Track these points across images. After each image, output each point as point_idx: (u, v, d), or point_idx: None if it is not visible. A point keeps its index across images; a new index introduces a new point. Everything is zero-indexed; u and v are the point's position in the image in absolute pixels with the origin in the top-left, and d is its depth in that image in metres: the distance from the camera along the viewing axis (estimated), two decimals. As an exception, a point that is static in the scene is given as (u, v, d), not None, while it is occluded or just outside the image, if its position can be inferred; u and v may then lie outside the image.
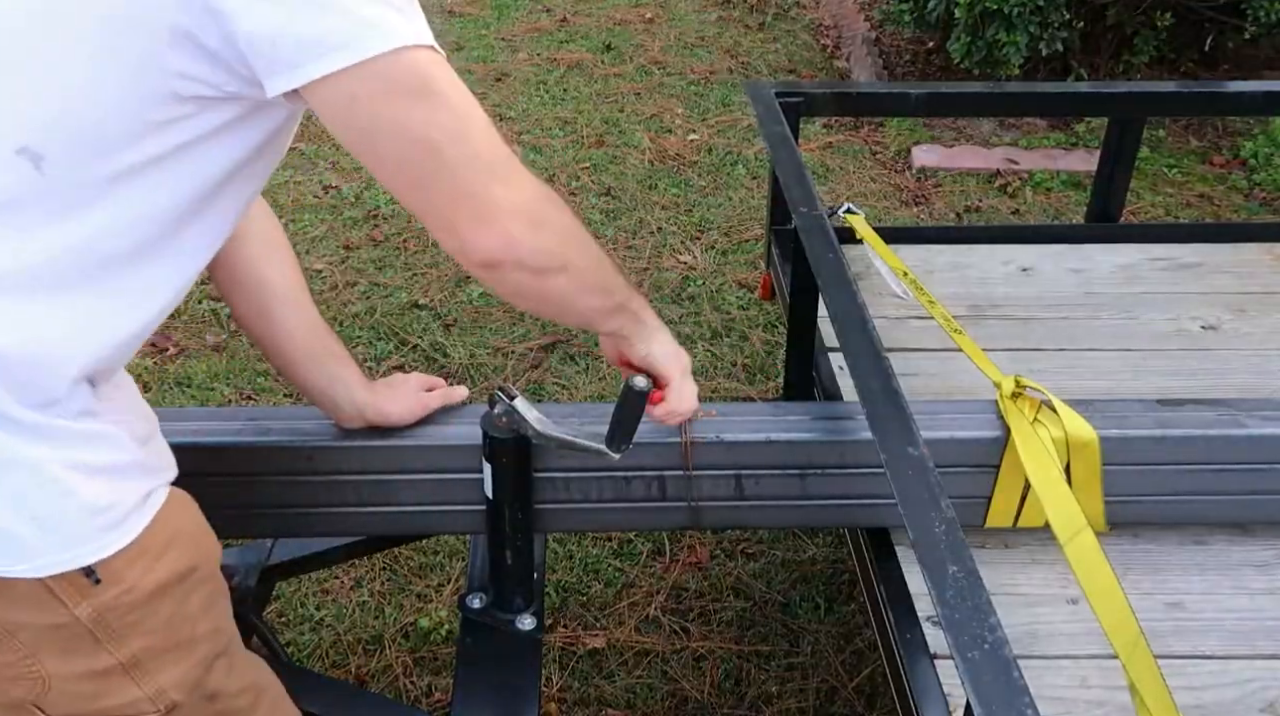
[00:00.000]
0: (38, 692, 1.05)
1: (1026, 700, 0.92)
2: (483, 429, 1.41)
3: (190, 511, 1.14)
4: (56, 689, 1.05)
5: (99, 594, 1.02)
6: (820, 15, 5.72)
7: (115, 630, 1.05)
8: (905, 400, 1.29)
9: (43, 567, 0.99)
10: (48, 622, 1.02)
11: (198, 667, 1.13)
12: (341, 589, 2.43)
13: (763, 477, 1.51)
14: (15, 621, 1.01)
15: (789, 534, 2.57)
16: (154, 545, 1.06)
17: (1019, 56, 4.10)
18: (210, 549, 1.16)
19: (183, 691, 1.11)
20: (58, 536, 0.99)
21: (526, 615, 1.56)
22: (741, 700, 2.21)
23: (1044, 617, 1.49)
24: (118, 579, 1.03)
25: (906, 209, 3.98)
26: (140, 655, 1.07)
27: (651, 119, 4.59)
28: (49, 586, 1.00)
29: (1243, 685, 1.39)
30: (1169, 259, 2.27)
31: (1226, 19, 4.26)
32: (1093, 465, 1.47)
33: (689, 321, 3.32)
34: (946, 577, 1.04)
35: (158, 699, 1.10)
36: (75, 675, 1.05)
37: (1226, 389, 1.87)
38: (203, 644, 1.13)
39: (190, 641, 1.11)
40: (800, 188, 1.80)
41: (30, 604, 1.00)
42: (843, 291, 1.52)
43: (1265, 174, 4.07)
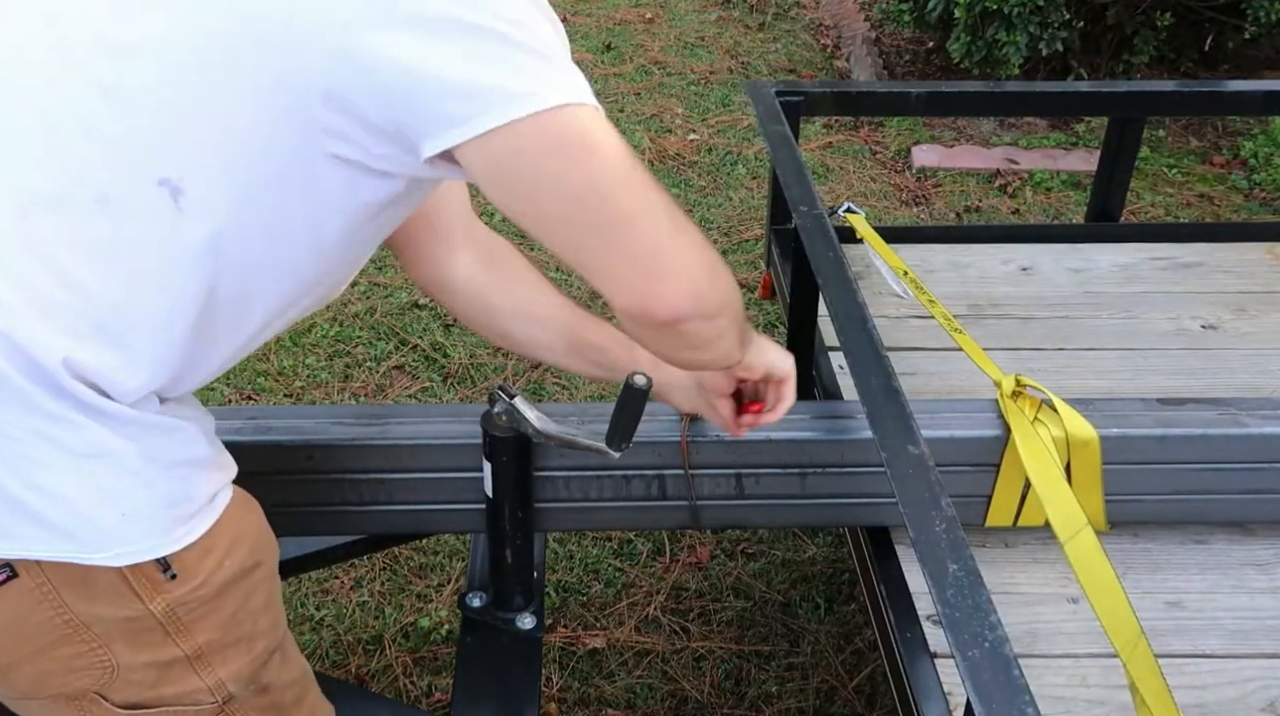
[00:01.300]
0: (105, 681, 1.07)
1: (1026, 698, 0.92)
2: (482, 427, 1.41)
3: (254, 510, 1.17)
4: (123, 677, 1.08)
5: (173, 588, 1.05)
6: (820, 15, 5.72)
7: (185, 623, 1.07)
8: (905, 399, 1.29)
9: (122, 557, 1.01)
10: (123, 615, 1.04)
11: (255, 661, 1.16)
12: (341, 589, 2.43)
13: (763, 476, 1.51)
14: (92, 614, 1.03)
15: (789, 534, 2.57)
16: (223, 541, 1.09)
17: (1019, 56, 4.10)
18: (272, 546, 1.20)
19: (239, 683, 1.15)
20: (138, 527, 1.01)
21: (526, 614, 1.56)
22: (741, 700, 2.21)
23: (1044, 616, 1.49)
24: (191, 574, 1.06)
25: (906, 208, 3.98)
26: (205, 648, 1.10)
27: (651, 119, 4.59)
28: (128, 580, 1.03)
29: (1243, 684, 1.39)
30: (1169, 259, 2.27)
31: (1226, 19, 4.26)
32: (1093, 464, 1.47)
33: (689, 321, 3.32)
34: (947, 576, 1.04)
35: (216, 690, 1.13)
36: (141, 664, 1.08)
37: (1227, 388, 1.87)
38: (262, 638, 1.16)
39: (251, 636, 1.15)
40: (800, 187, 1.80)
41: (109, 597, 1.03)
42: (843, 290, 1.52)
43: (1265, 174, 4.07)
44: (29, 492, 0.96)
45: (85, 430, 0.97)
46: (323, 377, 3.10)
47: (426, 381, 3.09)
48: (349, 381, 3.09)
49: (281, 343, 3.22)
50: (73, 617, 1.03)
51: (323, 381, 3.09)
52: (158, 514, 1.02)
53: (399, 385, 3.08)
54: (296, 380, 3.09)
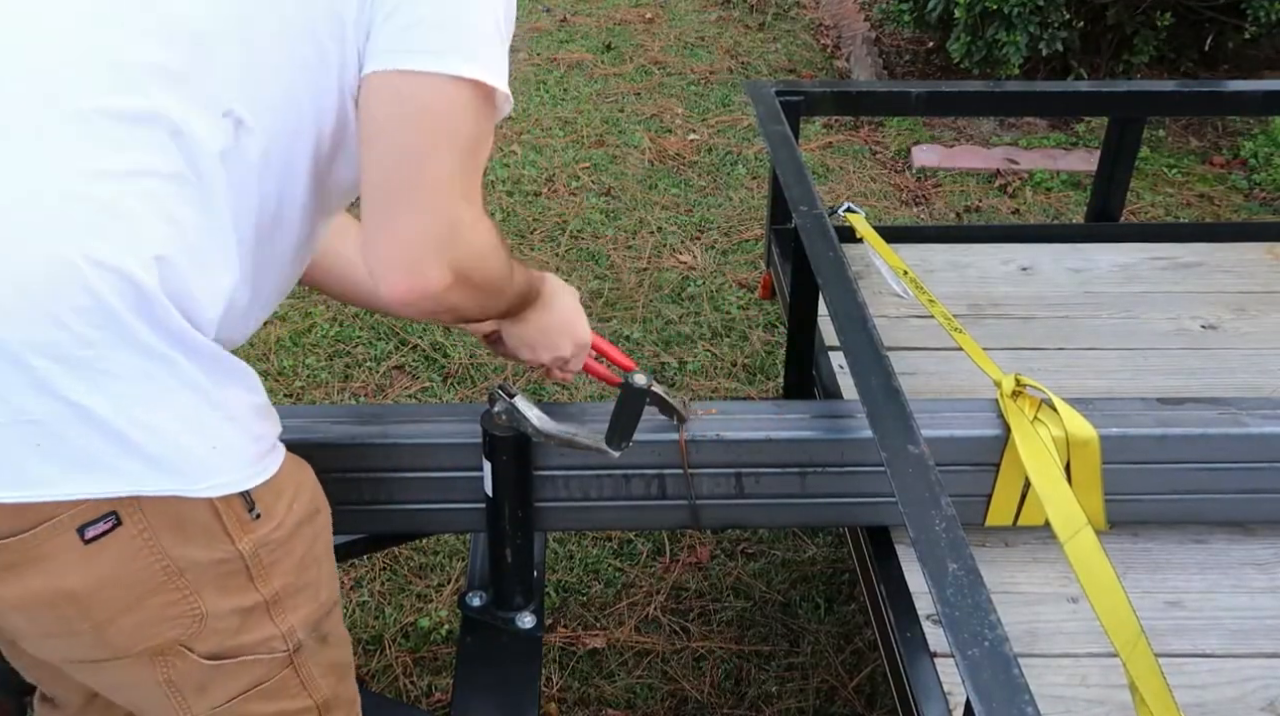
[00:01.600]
0: (193, 631, 1.10)
1: (1026, 698, 0.92)
2: (482, 427, 1.41)
3: (306, 464, 1.22)
4: (209, 626, 1.10)
5: (257, 527, 1.09)
6: (820, 15, 5.72)
7: (265, 565, 1.12)
8: (905, 398, 1.29)
9: (218, 488, 1.05)
10: (214, 558, 1.08)
11: (321, 609, 1.21)
12: (341, 589, 2.43)
13: (763, 476, 1.51)
14: (187, 558, 1.06)
15: (789, 534, 2.57)
16: (289, 486, 1.14)
17: (1019, 56, 4.11)
18: (324, 497, 1.25)
19: (306, 630, 1.19)
20: (228, 460, 1.06)
21: (526, 613, 1.56)
22: (741, 700, 2.21)
23: (1044, 616, 1.49)
24: (270, 513, 1.11)
25: (906, 208, 3.98)
26: (280, 592, 1.14)
27: (651, 119, 4.59)
28: (220, 518, 1.06)
29: (1242, 683, 1.39)
30: (1169, 259, 2.27)
31: (1226, 19, 4.26)
32: (1093, 464, 1.47)
33: (689, 321, 3.32)
34: (947, 576, 1.04)
35: (288, 636, 1.17)
36: (227, 611, 1.11)
37: (1226, 388, 1.87)
38: (325, 586, 1.22)
39: (316, 583, 1.20)
40: (800, 187, 1.80)
41: (203, 538, 1.06)
42: (843, 290, 1.52)
43: (1265, 174, 4.07)
44: (133, 428, 0.99)
45: (179, 366, 1.01)
46: (323, 377, 3.10)
47: (426, 381, 3.09)
48: (349, 381, 3.09)
49: (281, 342, 3.23)
50: (170, 563, 1.05)
51: (323, 381, 3.09)
52: (243, 448, 1.07)
53: (399, 385, 3.08)
54: (296, 380, 3.09)
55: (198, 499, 1.04)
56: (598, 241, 3.72)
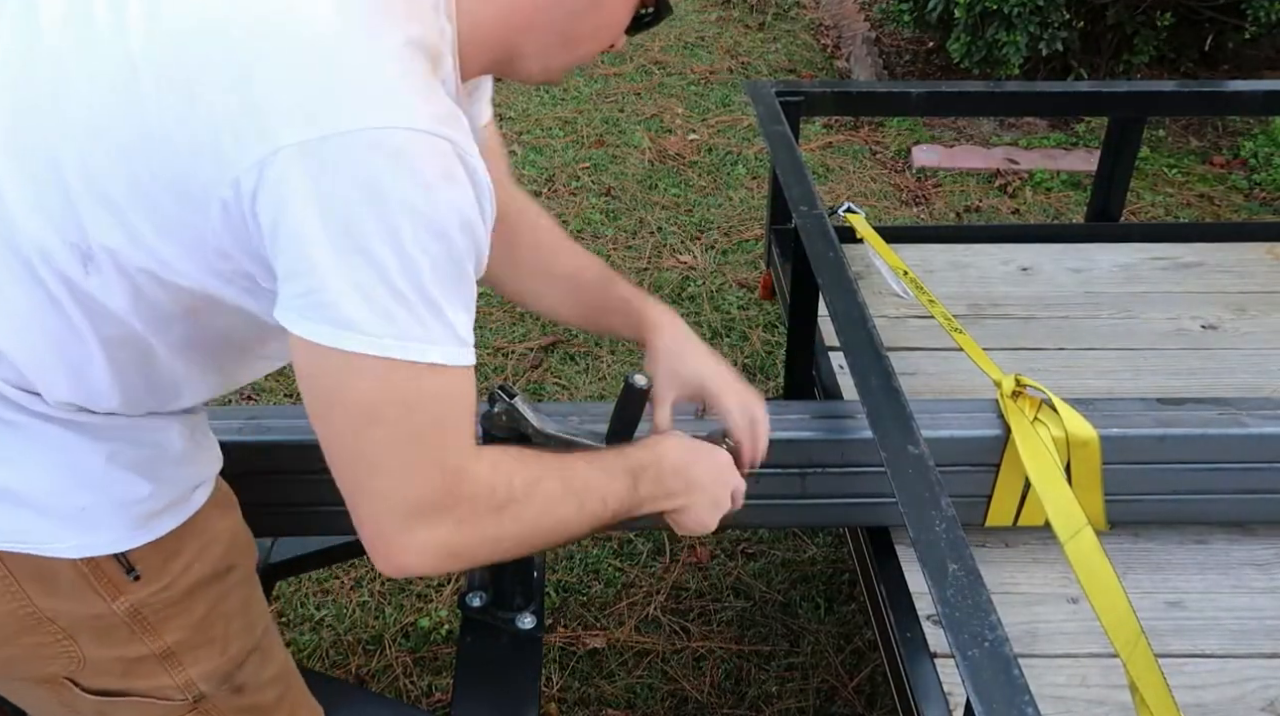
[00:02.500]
0: (73, 669, 1.08)
1: (1026, 698, 0.92)
2: (482, 427, 1.41)
3: (231, 511, 1.17)
4: (91, 667, 1.08)
5: (137, 589, 1.05)
6: (820, 15, 5.72)
7: (151, 623, 1.08)
8: (905, 399, 1.29)
9: (79, 550, 1.01)
10: (87, 612, 1.05)
11: (230, 662, 1.16)
12: (341, 589, 2.43)
13: (763, 476, 1.51)
14: (56, 608, 1.04)
15: (789, 534, 2.57)
16: (193, 544, 1.09)
17: (1019, 56, 4.11)
18: (248, 549, 1.19)
19: (211, 683, 1.15)
20: (97, 521, 1.02)
21: (526, 614, 1.56)
22: (741, 700, 2.21)
23: (1044, 616, 1.49)
24: (156, 575, 1.06)
25: (906, 209, 3.98)
26: (174, 647, 1.10)
27: (651, 119, 4.59)
28: (88, 578, 1.03)
29: (1242, 684, 1.39)
30: (1169, 259, 2.27)
31: (1226, 19, 4.26)
32: (1093, 464, 1.47)
33: (689, 321, 3.31)
34: (947, 576, 1.04)
35: (186, 688, 1.13)
36: (109, 658, 1.08)
37: (1226, 388, 1.87)
38: (236, 640, 1.16)
39: (224, 637, 1.15)
40: (800, 187, 1.80)
41: (71, 593, 1.03)
42: (843, 290, 1.52)
43: (1265, 174, 4.07)
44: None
45: (33, 431, 0.98)
46: (323, 377, 3.10)
47: (426, 381, 3.09)
48: (349, 381, 3.09)
49: (281, 342, 3.22)
50: (36, 610, 1.03)
51: (323, 381, 3.08)
52: (119, 511, 1.03)
53: (399, 385, 3.08)
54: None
55: (58, 557, 1.01)
56: (598, 241, 3.72)
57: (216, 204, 0.87)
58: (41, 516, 1.00)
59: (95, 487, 1.01)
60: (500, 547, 1.03)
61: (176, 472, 1.07)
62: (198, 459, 1.11)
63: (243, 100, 0.85)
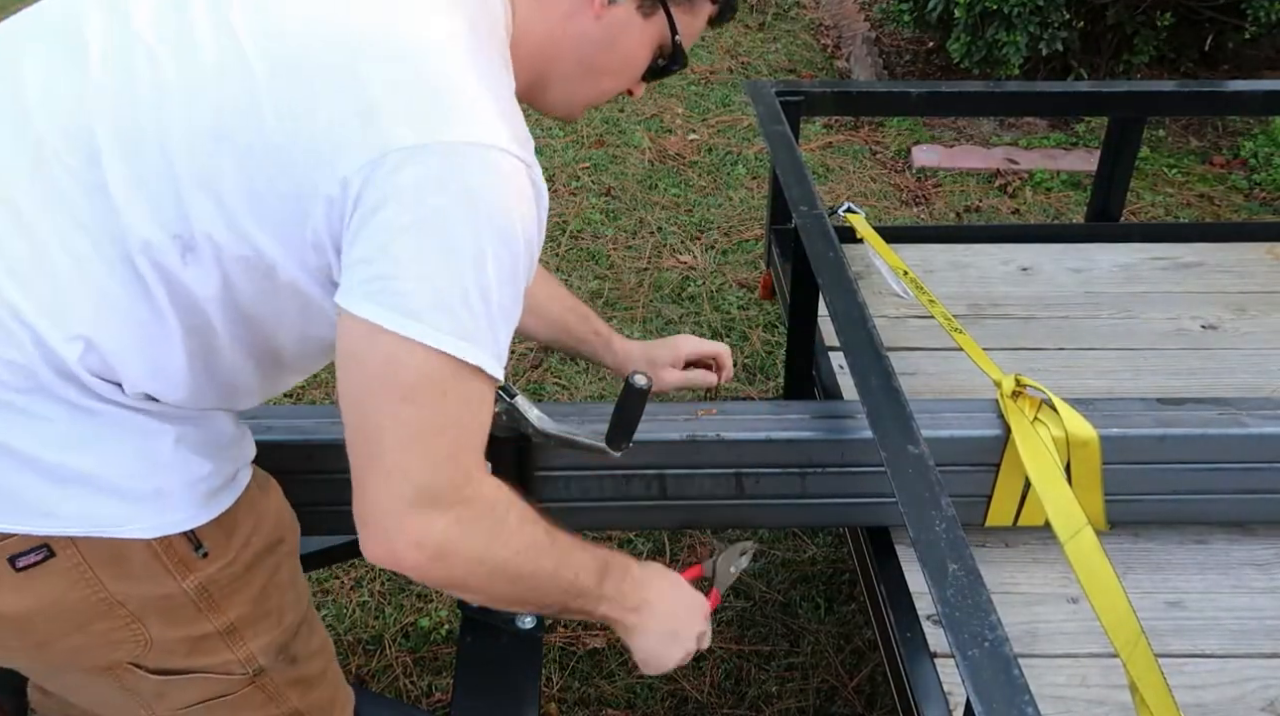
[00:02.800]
0: (140, 653, 1.11)
1: (1026, 698, 0.92)
2: (483, 427, 1.41)
3: (274, 488, 1.23)
4: (157, 649, 1.11)
5: (205, 566, 1.10)
6: (820, 15, 5.72)
7: (216, 600, 1.12)
8: (905, 399, 1.29)
9: (155, 529, 1.05)
10: (157, 593, 1.08)
11: (285, 633, 1.21)
12: (341, 589, 2.43)
13: (763, 476, 1.51)
14: (127, 592, 1.07)
15: (789, 534, 2.57)
16: (248, 519, 1.14)
17: (1019, 56, 4.11)
18: (293, 522, 1.26)
19: (269, 656, 1.19)
20: (169, 501, 1.06)
21: (526, 613, 1.56)
22: (741, 700, 2.21)
23: (1044, 616, 1.49)
24: (222, 551, 1.11)
25: (906, 209, 3.98)
26: (236, 622, 1.15)
27: (651, 119, 4.59)
28: (161, 557, 1.07)
29: (1242, 684, 1.39)
30: (1169, 259, 2.27)
31: (1226, 19, 4.26)
32: (1093, 464, 1.47)
33: (689, 321, 3.32)
34: (947, 576, 1.04)
35: (248, 662, 1.18)
36: (175, 639, 1.12)
37: (1226, 388, 1.87)
38: (290, 611, 1.22)
39: (279, 609, 1.20)
40: (800, 187, 1.80)
41: (144, 575, 1.07)
42: (843, 290, 1.52)
43: (1265, 174, 4.07)
44: (63, 470, 1.00)
45: (108, 417, 1.01)
46: (323, 377, 3.10)
47: (426, 381, 3.09)
48: (349, 381, 3.09)
49: (281, 342, 3.22)
50: (108, 596, 1.06)
51: (323, 381, 3.08)
52: (188, 489, 1.07)
53: (399, 385, 3.08)
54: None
55: (133, 539, 1.04)
56: (598, 241, 3.72)
57: (322, 201, 0.95)
58: (120, 500, 1.03)
59: (167, 469, 1.06)
60: (481, 570, 1.05)
61: (229, 452, 1.13)
62: (242, 441, 1.17)
63: (357, 107, 0.93)
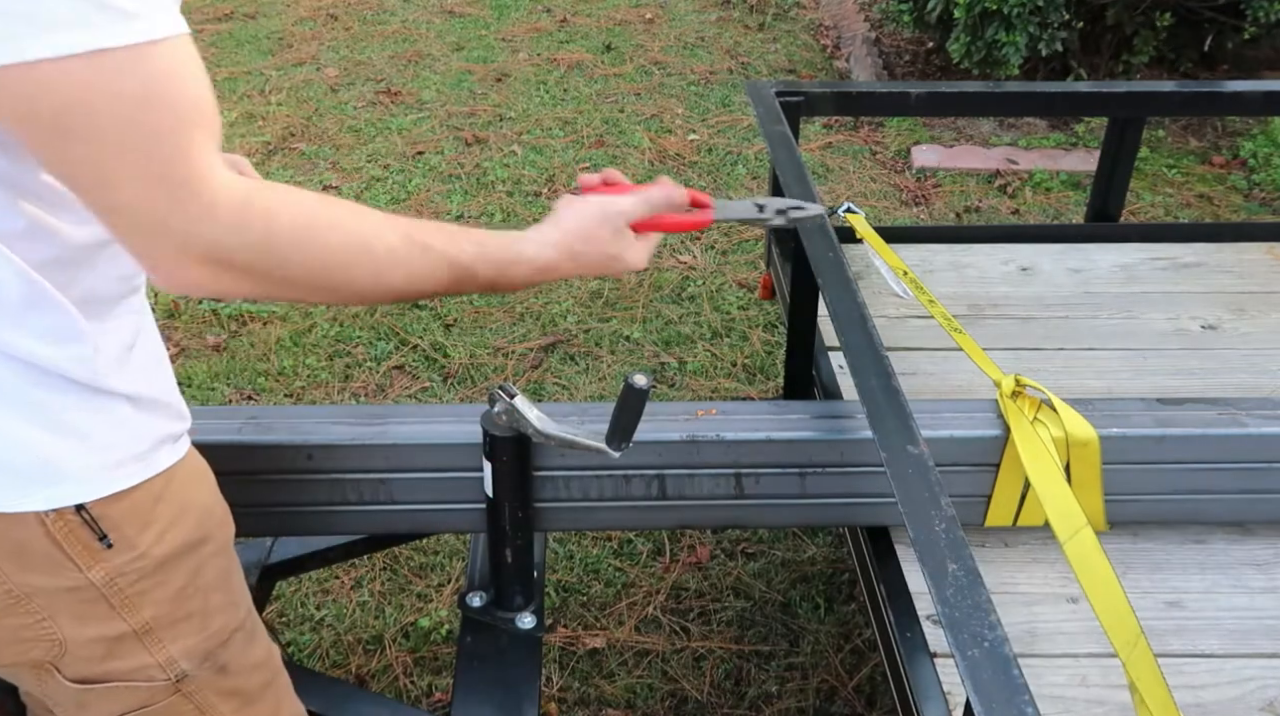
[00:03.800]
0: (55, 654, 1.07)
1: (1026, 698, 0.92)
2: (483, 427, 1.41)
3: (206, 483, 1.16)
4: (72, 652, 1.07)
5: (110, 557, 1.04)
6: (820, 15, 5.72)
7: (128, 596, 1.07)
8: (905, 399, 1.29)
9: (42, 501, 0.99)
10: (62, 586, 1.04)
11: (212, 639, 1.15)
12: (341, 589, 2.43)
13: (763, 476, 1.51)
14: (32, 584, 1.03)
15: (789, 534, 2.57)
16: (165, 513, 1.08)
17: (1018, 56, 4.11)
18: (224, 522, 1.18)
19: (193, 661, 1.14)
20: (60, 472, 1.00)
21: (526, 613, 1.56)
22: (741, 700, 2.21)
23: (1044, 616, 1.49)
24: (129, 544, 1.05)
25: (906, 209, 3.98)
26: (153, 623, 1.09)
27: (651, 119, 4.59)
28: (60, 545, 1.01)
29: (1242, 684, 1.39)
30: (1169, 259, 2.27)
31: (1226, 19, 4.26)
32: (1092, 464, 1.48)
33: (689, 321, 3.32)
34: (946, 576, 1.04)
35: (168, 666, 1.12)
36: (88, 639, 1.07)
37: (1226, 388, 1.87)
38: (217, 616, 1.15)
39: (203, 612, 1.13)
40: (800, 187, 1.80)
41: (46, 565, 1.02)
42: (843, 290, 1.52)
43: (1265, 174, 4.07)
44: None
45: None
46: (323, 377, 3.10)
47: (426, 381, 3.09)
48: (349, 381, 3.09)
49: (281, 342, 3.23)
50: (13, 587, 1.02)
51: (323, 381, 3.09)
52: (80, 458, 1.01)
53: (399, 385, 3.08)
54: (296, 380, 3.09)
55: (29, 521, 0.99)
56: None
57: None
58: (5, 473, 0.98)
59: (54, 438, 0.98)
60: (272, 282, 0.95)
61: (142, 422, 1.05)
62: (155, 408, 1.07)
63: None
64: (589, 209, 1.16)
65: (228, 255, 0.91)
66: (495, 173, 4.17)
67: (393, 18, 5.71)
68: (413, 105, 4.78)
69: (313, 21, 5.71)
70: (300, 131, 4.56)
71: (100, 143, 0.84)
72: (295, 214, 0.95)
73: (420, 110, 4.73)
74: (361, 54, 5.31)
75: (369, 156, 4.34)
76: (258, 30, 5.58)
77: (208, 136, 0.89)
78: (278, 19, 5.75)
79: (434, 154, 4.35)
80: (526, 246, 1.12)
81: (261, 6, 5.90)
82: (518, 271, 1.11)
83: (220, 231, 0.90)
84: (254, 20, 5.72)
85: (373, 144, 4.44)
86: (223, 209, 0.89)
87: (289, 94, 4.88)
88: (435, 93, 4.89)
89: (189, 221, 0.88)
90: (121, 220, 0.88)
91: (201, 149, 0.88)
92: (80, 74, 0.81)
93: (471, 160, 4.29)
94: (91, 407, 1.01)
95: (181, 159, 0.87)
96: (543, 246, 1.13)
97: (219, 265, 0.91)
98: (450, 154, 4.35)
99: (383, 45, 5.39)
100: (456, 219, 3.88)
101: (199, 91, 0.88)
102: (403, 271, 1.02)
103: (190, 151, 0.87)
